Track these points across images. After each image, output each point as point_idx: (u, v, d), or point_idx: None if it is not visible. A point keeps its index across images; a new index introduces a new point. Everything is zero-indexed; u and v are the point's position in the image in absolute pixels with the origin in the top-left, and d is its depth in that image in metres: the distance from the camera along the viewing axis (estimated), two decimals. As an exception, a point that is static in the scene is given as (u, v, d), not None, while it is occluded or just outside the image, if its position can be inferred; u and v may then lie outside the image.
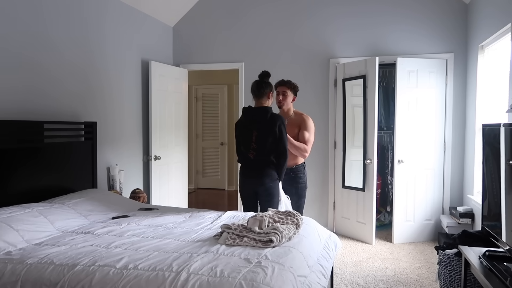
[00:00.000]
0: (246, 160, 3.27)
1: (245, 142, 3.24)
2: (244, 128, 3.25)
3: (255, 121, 3.18)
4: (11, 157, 2.97)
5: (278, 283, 1.86)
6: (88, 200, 3.20)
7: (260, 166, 3.20)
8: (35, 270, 2.03)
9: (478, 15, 4.12)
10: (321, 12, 4.90)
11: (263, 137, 3.14)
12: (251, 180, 3.26)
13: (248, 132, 3.20)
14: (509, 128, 2.28)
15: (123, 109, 4.40)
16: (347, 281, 3.36)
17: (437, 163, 4.56)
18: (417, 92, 4.46)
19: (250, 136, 3.19)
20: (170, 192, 5.04)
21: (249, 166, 3.27)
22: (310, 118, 3.54)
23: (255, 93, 3.24)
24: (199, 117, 8.00)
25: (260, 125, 3.15)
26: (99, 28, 4.01)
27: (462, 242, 2.96)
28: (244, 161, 3.30)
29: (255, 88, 3.23)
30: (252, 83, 3.27)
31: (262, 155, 3.17)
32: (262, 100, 3.24)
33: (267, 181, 3.18)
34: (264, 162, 3.19)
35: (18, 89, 3.11)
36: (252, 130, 3.17)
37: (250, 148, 3.19)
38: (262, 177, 3.18)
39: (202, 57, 5.34)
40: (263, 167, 3.19)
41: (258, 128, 3.15)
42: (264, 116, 3.15)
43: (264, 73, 3.25)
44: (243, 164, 3.33)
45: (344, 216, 4.80)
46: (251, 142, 3.18)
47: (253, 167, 3.24)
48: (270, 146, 3.15)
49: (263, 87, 3.21)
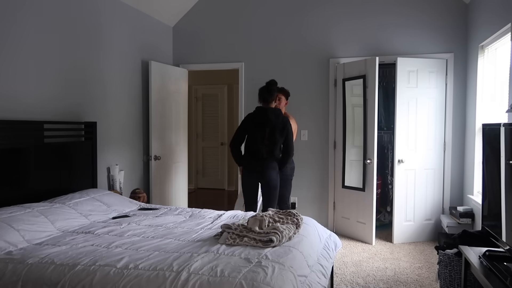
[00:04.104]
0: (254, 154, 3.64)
1: (257, 139, 3.62)
2: (256, 126, 3.63)
3: (269, 120, 3.59)
4: (11, 157, 2.97)
5: (279, 282, 1.87)
6: (88, 200, 3.20)
7: (268, 161, 3.62)
8: (36, 269, 2.04)
9: (478, 15, 4.12)
10: (321, 12, 4.91)
11: (275, 134, 3.59)
12: (256, 174, 3.65)
13: (261, 129, 3.60)
14: (509, 128, 2.28)
15: (123, 109, 4.40)
16: (347, 281, 3.37)
17: (437, 163, 4.56)
18: (417, 92, 4.46)
19: (263, 133, 3.60)
20: (170, 192, 5.04)
21: (257, 159, 3.63)
22: (292, 119, 4.09)
23: (266, 99, 3.66)
24: (199, 117, 8.00)
25: (273, 124, 3.59)
26: (99, 27, 4.01)
27: (462, 242, 2.97)
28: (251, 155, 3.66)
29: (266, 94, 3.65)
30: (262, 89, 3.67)
31: (271, 151, 3.60)
32: (271, 104, 3.69)
33: (272, 175, 3.63)
34: (271, 157, 3.62)
35: (18, 89, 3.12)
36: (265, 128, 3.59)
37: (264, 144, 3.60)
38: (268, 170, 3.61)
39: (202, 57, 5.34)
40: (270, 161, 3.62)
41: (271, 126, 3.59)
42: (277, 117, 3.62)
43: (273, 81, 3.71)
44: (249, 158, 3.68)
45: (344, 216, 4.80)
46: (264, 139, 3.60)
47: (261, 162, 3.62)
48: (279, 143, 3.63)
49: (273, 93, 3.68)
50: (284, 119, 3.64)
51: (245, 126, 3.70)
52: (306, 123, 4.99)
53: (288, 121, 3.67)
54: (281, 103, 4.13)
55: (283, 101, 4.15)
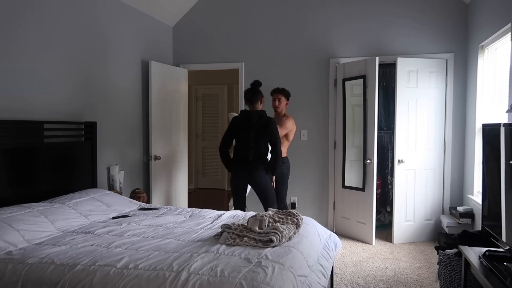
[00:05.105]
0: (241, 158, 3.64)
1: (243, 142, 3.63)
2: (242, 130, 3.63)
3: (252, 123, 3.59)
4: (11, 157, 2.97)
5: (278, 282, 1.87)
6: (88, 200, 3.20)
7: (254, 163, 3.61)
8: (36, 269, 2.04)
9: (478, 15, 4.12)
10: (321, 12, 4.90)
11: (259, 136, 3.59)
12: (245, 177, 3.67)
13: (245, 133, 3.61)
14: (509, 128, 2.28)
15: (123, 109, 4.40)
16: (347, 281, 3.37)
17: (437, 163, 4.56)
18: (417, 92, 4.46)
19: (247, 136, 3.60)
20: (170, 192, 5.04)
21: (244, 162, 3.64)
22: (289, 119, 4.11)
23: (250, 99, 3.67)
24: (199, 117, 8.00)
25: (256, 126, 3.58)
26: (99, 27, 4.01)
27: (462, 242, 2.97)
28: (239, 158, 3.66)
29: (251, 95, 3.66)
30: (246, 91, 3.71)
31: (257, 153, 3.60)
32: (256, 105, 3.69)
33: (259, 176, 3.62)
34: (258, 159, 3.62)
35: (18, 89, 3.12)
36: (250, 131, 3.59)
37: (249, 147, 3.60)
38: (255, 172, 3.62)
39: (202, 57, 5.34)
40: (256, 164, 3.62)
41: (255, 128, 3.58)
42: (260, 118, 3.60)
43: (256, 82, 3.71)
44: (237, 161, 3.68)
45: (344, 216, 4.80)
46: (250, 141, 3.60)
47: (247, 164, 3.62)
48: (264, 144, 3.61)
49: (257, 94, 3.68)
50: (266, 119, 3.60)
51: (231, 130, 3.72)
52: (306, 123, 4.99)
53: (271, 120, 3.62)
54: (280, 104, 4.14)
55: (283, 101, 4.15)
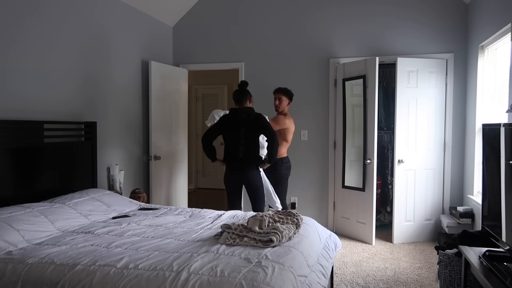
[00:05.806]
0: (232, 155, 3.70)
1: (233, 140, 3.68)
2: (232, 128, 3.68)
3: (242, 120, 3.63)
4: (11, 156, 2.97)
5: (278, 282, 1.87)
6: (88, 200, 3.20)
7: (245, 160, 3.67)
8: (36, 269, 2.04)
9: (478, 15, 4.12)
10: (321, 12, 4.90)
11: (250, 133, 3.64)
12: (237, 175, 3.73)
13: (235, 130, 3.65)
14: (509, 128, 2.28)
15: (123, 109, 4.40)
16: (347, 281, 3.37)
17: (437, 163, 4.56)
18: (417, 92, 4.46)
19: (238, 133, 3.64)
20: (170, 192, 5.04)
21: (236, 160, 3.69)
22: (285, 116, 4.14)
23: (239, 100, 3.73)
24: (199, 117, 7.99)
25: (246, 123, 3.63)
26: (99, 27, 4.01)
27: (462, 242, 2.96)
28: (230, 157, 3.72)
29: (239, 96, 3.73)
30: (235, 92, 3.77)
31: (248, 149, 3.65)
32: (244, 103, 3.74)
33: (252, 174, 3.69)
34: (249, 156, 3.67)
35: (19, 89, 3.12)
36: (239, 128, 3.64)
37: (239, 144, 3.65)
38: (247, 170, 3.68)
39: (202, 57, 5.34)
40: (248, 161, 3.67)
41: (245, 125, 3.63)
42: (249, 115, 3.66)
43: (244, 82, 3.80)
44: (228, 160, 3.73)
45: (344, 216, 4.80)
46: (240, 138, 3.65)
47: (239, 162, 3.68)
48: (256, 140, 3.68)
49: (245, 94, 3.75)
50: (255, 115, 3.65)
51: (219, 126, 3.75)
52: (306, 123, 4.99)
53: (260, 116, 3.66)
54: (281, 103, 4.15)
55: (284, 101, 4.16)
